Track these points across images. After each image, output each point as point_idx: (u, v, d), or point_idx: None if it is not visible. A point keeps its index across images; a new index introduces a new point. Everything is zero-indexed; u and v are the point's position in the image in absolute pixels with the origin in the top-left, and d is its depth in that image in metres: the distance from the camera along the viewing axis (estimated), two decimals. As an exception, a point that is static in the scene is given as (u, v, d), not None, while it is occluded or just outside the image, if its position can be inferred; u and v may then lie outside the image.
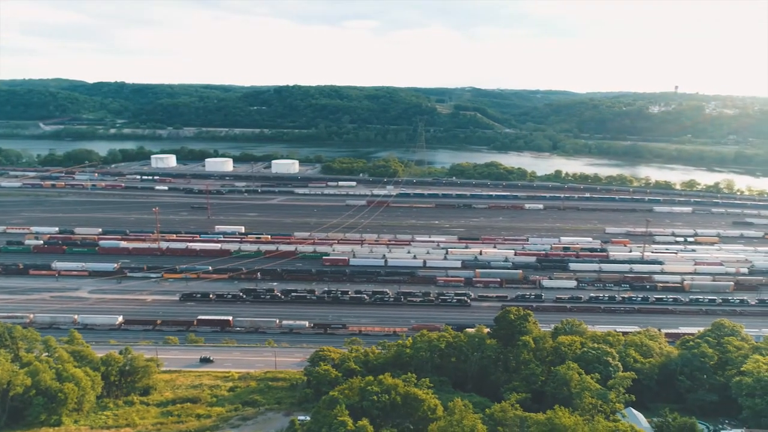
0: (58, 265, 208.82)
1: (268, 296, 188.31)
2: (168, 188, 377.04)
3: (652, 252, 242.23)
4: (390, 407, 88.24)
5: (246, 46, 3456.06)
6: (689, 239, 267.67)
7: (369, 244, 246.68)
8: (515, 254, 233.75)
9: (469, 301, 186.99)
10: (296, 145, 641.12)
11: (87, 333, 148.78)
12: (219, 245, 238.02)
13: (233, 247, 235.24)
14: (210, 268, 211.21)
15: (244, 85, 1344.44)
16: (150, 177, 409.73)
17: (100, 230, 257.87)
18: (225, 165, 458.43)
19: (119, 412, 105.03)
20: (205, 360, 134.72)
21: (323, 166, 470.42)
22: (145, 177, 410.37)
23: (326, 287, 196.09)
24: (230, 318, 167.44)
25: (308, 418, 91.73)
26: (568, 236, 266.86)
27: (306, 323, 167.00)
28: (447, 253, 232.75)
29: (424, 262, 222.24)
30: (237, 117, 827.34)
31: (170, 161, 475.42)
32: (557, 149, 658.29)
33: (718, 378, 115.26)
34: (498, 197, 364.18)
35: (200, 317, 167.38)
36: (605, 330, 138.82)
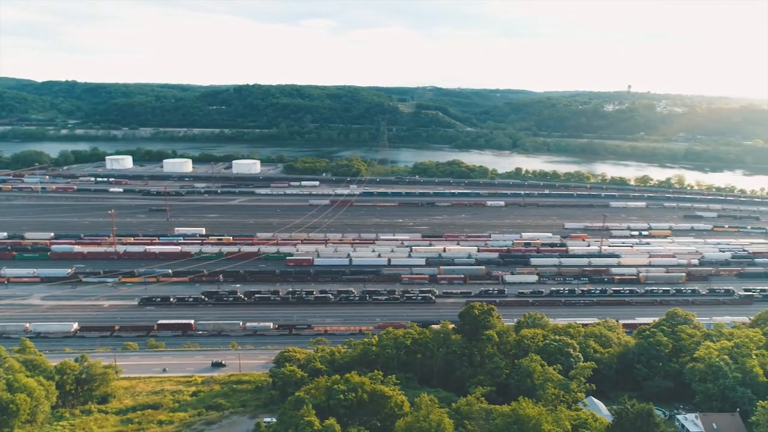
0: (7, 272, 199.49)
1: (231, 298, 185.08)
2: (123, 190, 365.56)
3: (609, 246, 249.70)
4: (357, 405, 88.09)
5: (204, 45, 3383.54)
6: (644, 233, 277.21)
7: (333, 244, 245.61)
8: (478, 251, 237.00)
9: (434, 298, 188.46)
10: (257, 145, 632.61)
11: (40, 342, 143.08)
12: (179, 247, 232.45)
13: (194, 250, 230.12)
14: (170, 271, 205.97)
15: (203, 85, 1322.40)
16: (105, 179, 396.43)
17: (52, 234, 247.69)
18: (184, 166, 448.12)
19: (76, 422, 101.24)
20: (218, 365, 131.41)
21: (285, 166, 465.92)
22: (100, 179, 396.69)
23: (290, 288, 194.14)
24: (192, 321, 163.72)
25: (274, 420, 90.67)
26: (529, 232, 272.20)
27: (270, 325, 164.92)
28: (411, 251, 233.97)
29: (389, 261, 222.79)
30: (196, 117, 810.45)
31: (126, 162, 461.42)
32: (517, 147, 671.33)
33: (673, 365, 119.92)
34: (460, 195, 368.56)
35: (161, 322, 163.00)
36: (566, 322, 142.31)
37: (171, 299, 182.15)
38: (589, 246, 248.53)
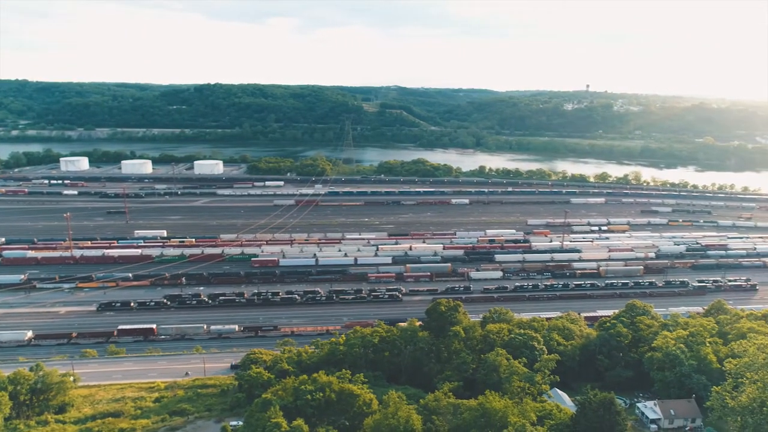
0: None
1: (195, 301, 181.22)
2: (78, 192, 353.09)
3: (571, 241, 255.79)
4: (325, 405, 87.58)
5: (163, 43, 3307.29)
6: (603, 228, 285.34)
7: (299, 244, 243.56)
8: (444, 248, 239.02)
9: (401, 296, 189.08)
10: (220, 145, 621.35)
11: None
12: (139, 251, 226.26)
13: (155, 252, 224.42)
14: (130, 275, 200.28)
15: (162, 84, 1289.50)
16: (59, 181, 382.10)
17: (3, 240, 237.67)
18: (143, 167, 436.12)
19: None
20: (236, 367, 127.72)
21: (249, 167, 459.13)
22: (54, 181, 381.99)
23: (256, 289, 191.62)
24: (154, 326, 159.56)
25: (241, 423, 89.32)
26: (493, 229, 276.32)
27: (236, 327, 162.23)
28: (377, 250, 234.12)
29: (355, 260, 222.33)
30: (155, 117, 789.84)
31: (82, 164, 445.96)
32: (480, 146, 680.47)
33: (633, 355, 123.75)
34: (426, 193, 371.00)
35: (121, 327, 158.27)
36: (530, 316, 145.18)
37: (132, 304, 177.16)
38: (552, 242, 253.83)
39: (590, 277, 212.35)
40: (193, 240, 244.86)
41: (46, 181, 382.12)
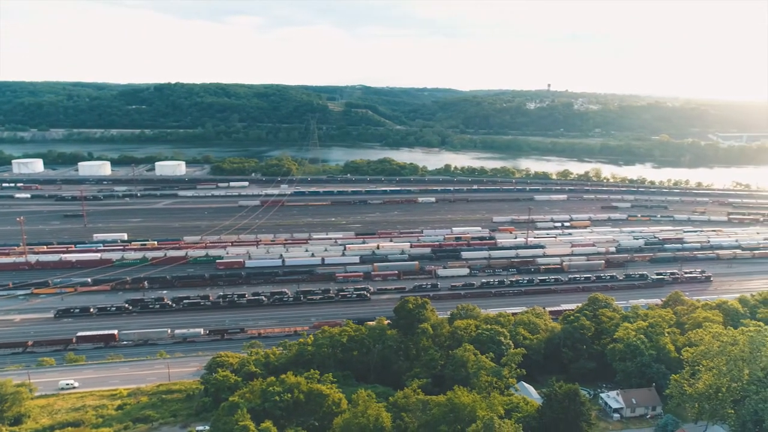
0: None
1: (158, 305, 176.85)
2: (31, 196, 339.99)
3: (535, 237, 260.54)
4: (293, 406, 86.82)
5: (121, 41, 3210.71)
6: (566, 224, 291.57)
7: (265, 245, 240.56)
8: (411, 246, 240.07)
9: (369, 295, 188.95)
10: (182, 146, 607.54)
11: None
12: (98, 255, 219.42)
13: (115, 256, 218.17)
14: (89, 280, 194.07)
15: (121, 83, 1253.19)
16: (12, 184, 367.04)
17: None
18: (102, 168, 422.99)
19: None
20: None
21: (213, 167, 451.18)
22: (6, 184, 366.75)
23: (221, 291, 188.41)
24: (115, 332, 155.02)
25: (207, 428, 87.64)
26: (460, 226, 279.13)
27: (201, 330, 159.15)
28: (345, 250, 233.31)
29: (323, 260, 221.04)
30: (113, 117, 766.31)
31: (36, 166, 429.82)
32: (446, 144, 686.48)
33: (596, 347, 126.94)
34: (392, 192, 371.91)
35: (80, 334, 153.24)
36: (497, 312, 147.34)
37: (91, 309, 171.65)
38: (516, 238, 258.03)
39: (554, 272, 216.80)
40: (156, 243, 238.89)
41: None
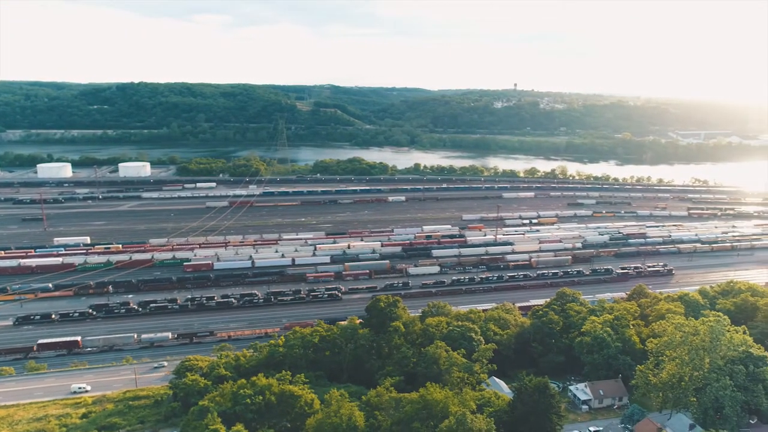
0: None
1: (123, 310, 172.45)
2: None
3: (504, 234, 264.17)
4: (265, 408, 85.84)
5: (81, 39, 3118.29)
6: (533, 221, 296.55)
7: (234, 246, 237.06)
8: (382, 245, 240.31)
9: (340, 295, 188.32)
10: (146, 147, 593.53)
11: None
12: (60, 259, 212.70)
13: (78, 260, 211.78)
14: (50, 286, 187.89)
15: (81, 83, 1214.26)
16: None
17: None
18: (62, 170, 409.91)
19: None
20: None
21: (179, 168, 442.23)
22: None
23: (190, 294, 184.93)
24: (78, 338, 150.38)
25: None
26: (430, 225, 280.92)
27: (169, 335, 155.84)
28: (316, 250, 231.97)
29: (293, 260, 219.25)
30: (74, 117, 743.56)
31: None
32: (415, 143, 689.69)
33: (564, 341, 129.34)
34: (362, 192, 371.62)
35: (41, 341, 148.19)
36: (468, 309, 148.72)
37: (53, 316, 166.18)
38: (486, 236, 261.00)
39: (523, 269, 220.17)
40: (120, 246, 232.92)
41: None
